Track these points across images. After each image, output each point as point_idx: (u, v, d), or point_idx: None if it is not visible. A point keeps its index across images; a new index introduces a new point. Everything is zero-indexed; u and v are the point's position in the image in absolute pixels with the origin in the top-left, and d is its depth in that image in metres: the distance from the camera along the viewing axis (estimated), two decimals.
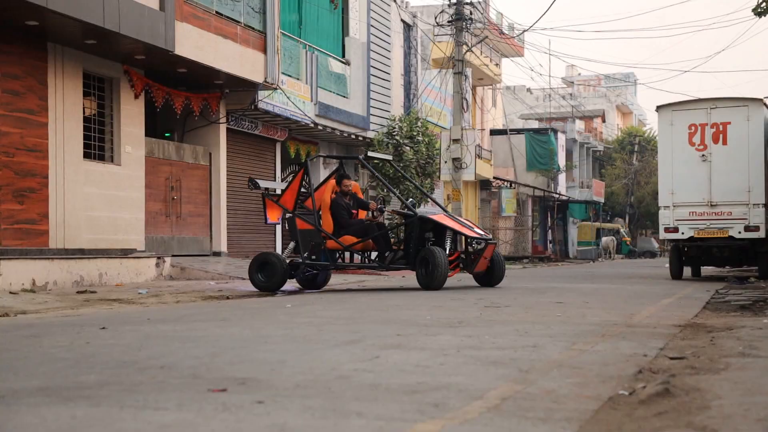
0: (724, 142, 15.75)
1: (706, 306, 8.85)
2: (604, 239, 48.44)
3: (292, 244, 11.81)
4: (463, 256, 11.55)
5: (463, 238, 11.73)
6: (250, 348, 4.84)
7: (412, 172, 23.29)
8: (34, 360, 4.37)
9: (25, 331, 5.87)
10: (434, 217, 11.39)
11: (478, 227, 12.17)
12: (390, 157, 13.86)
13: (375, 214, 12.04)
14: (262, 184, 11.86)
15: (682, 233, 15.86)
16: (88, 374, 3.87)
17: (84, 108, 13.74)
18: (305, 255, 11.42)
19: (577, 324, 6.50)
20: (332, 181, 11.98)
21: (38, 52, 12.62)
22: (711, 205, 15.71)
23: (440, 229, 11.39)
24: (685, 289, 12.21)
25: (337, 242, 11.54)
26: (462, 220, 12.02)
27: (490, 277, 11.79)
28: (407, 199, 12.67)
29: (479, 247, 11.73)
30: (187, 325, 6.34)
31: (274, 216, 11.70)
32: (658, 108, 16.70)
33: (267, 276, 11.13)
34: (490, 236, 11.94)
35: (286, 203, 11.59)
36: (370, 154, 12.59)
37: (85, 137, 13.72)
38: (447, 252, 11.02)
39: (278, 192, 13.10)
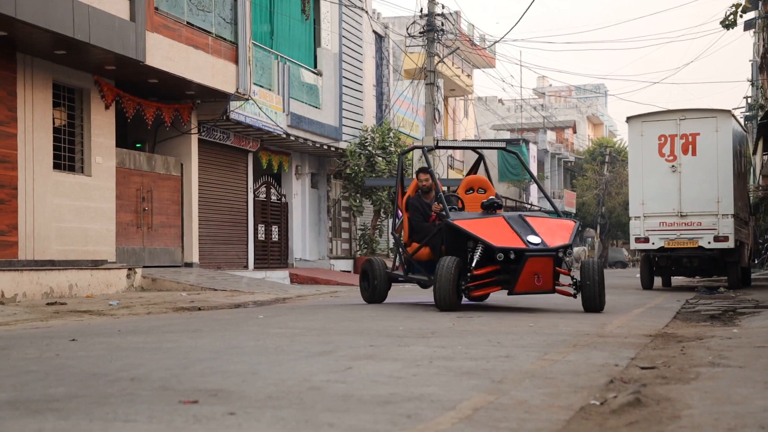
0: (694, 153, 15.93)
1: (676, 316, 8.92)
2: (575, 249, 48.74)
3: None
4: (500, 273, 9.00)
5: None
6: (222, 359, 4.81)
7: None
8: (2, 372, 4.31)
9: None
10: (459, 223, 9.03)
11: (560, 231, 9.39)
12: (503, 145, 11.35)
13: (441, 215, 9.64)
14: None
15: (653, 243, 16.00)
16: (57, 386, 3.82)
17: (54, 118, 13.62)
18: (394, 264, 10.86)
19: (549, 334, 6.53)
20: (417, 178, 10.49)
21: (7, 63, 12.49)
22: (681, 216, 15.87)
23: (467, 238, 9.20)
24: (655, 299, 12.31)
25: (404, 250, 10.37)
26: (529, 222, 9.25)
27: (585, 301, 9.11)
28: (449, 201, 9.97)
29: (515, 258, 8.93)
30: (158, 336, 6.28)
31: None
32: (629, 119, 16.85)
33: (367, 286, 10.78)
34: (562, 245, 9.10)
35: (401, 205, 10.59)
36: (441, 143, 11.04)
37: (55, 148, 13.59)
38: (473, 264, 8.93)
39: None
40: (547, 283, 8.96)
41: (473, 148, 11.22)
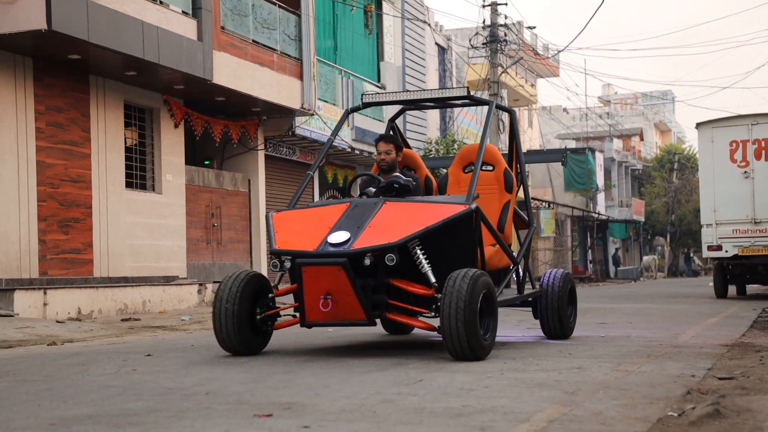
0: (767, 159, 15.55)
1: (753, 325, 8.69)
2: (645, 258, 47.94)
3: None
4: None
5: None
6: (294, 372, 4.86)
7: None
8: (83, 388, 4.42)
9: (72, 360, 5.95)
10: (281, 215, 6.10)
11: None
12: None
13: None
14: None
15: (726, 251, 15.63)
16: (136, 401, 3.91)
17: (125, 138, 13.96)
18: None
19: (621, 345, 6.43)
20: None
21: (81, 85, 12.86)
22: (755, 222, 15.49)
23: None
24: (730, 308, 12.01)
25: None
26: (380, 211, 5.78)
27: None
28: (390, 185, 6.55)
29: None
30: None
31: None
32: (698, 125, 16.53)
33: None
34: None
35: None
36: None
37: (127, 167, 13.92)
38: (277, 279, 6.16)
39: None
40: (349, 309, 5.46)
41: (432, 101, 6.84)
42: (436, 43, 27.63)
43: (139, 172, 14.34)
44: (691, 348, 6.15)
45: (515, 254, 6.77)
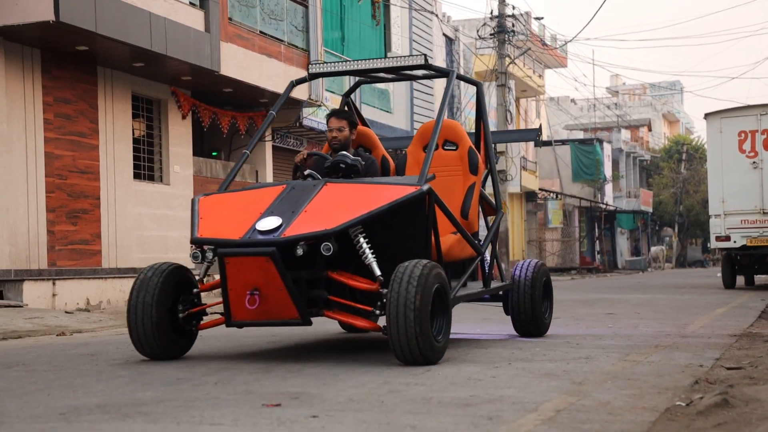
0: None
1: (761, 315, 8.68)
2: (653, 249, 47.86)
3: None
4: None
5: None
6: (302, 363, 4.87)
7: None
8: (92, 378, 4.45)
9: (81, 350, 5.98)
10: (207, 199, 5.41)
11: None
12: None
13: None
14: None
15: (734, 242, 15.60)
16: (145, 391, 3.93)
17: (133, 129, 13.98)
18: None
19: (629, 335, 6.43)
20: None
21: (88, 76, 12.87)
22: (763, 213, 15.45)
23: None
24: (738, 299, 11.99)
25: None
26: (319, 193, 5.07)
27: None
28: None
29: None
30: (238, 341, 6.39)
31: None
32: (707, 115, 16.47)
33: None
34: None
35: None
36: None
37: (135, 158, 13.94)
38: (203, 273, 5.35)
39: None
40: (280, 306, 4.76)
41: (386, 70, 6.16)
42: (444, 34, 27.56)
43: (147, 164, 14.36)
44: (699, 338, 6.14)
45: (482, 243, 6.06)
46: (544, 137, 40.52)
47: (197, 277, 5.34)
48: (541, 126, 17.91)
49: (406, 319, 4.46)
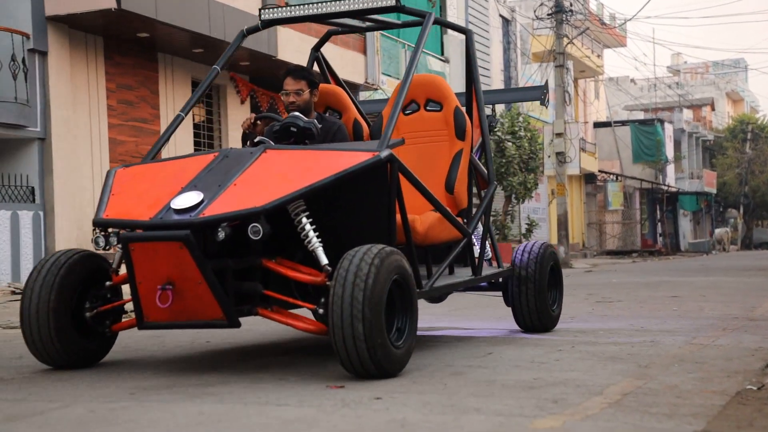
0: None
1: None
2: (717, 231, 46.93)
3: None
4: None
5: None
6: None
7: (515, 167, 23.08)
8: (159, 359, 4.53)
9: (148, 332, 6.08)
10: (124, 171, 4.44)
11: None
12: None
13: None
14: None
15: None
16: (211, 372, 3.99)
17: (193, 115, 14.15)
18: None
19: (695, 318, 6.32)
20: None
21: (150, 63, 13.06)
22: None
23: None
24: None
25: None
26: (256, 162, 4.13)
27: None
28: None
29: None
30: None
31: None
32: None
33: None
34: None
35: None
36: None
37: (195, 143, 14.13)
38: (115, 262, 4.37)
39: None
40: (200, 304, 3.82)
41: (349, 14, 5.16)
42: (500, 15, 27.28)
43: (207, 149, 14.55)
44: None
45: (471, 222, 5.11)
46: (603, 118, 39.92)
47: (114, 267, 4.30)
48: (547, 82, 17.25)
49: (352, 319, 3.49)
